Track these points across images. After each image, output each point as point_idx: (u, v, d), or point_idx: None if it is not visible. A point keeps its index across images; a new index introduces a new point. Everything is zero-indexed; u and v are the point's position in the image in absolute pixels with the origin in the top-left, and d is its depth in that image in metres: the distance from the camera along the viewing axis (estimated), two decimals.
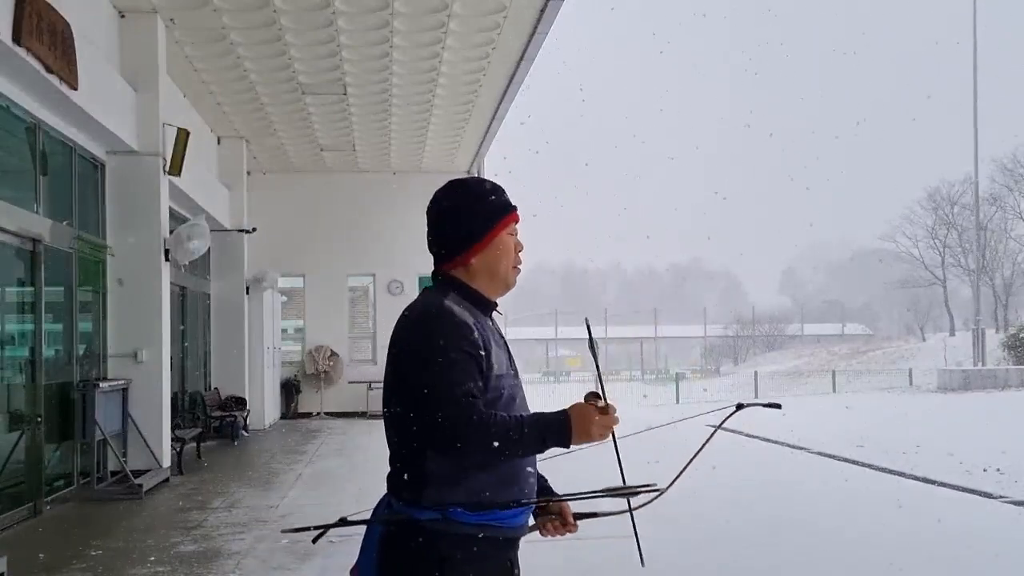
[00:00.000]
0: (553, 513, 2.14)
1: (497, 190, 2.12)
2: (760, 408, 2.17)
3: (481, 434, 1.84)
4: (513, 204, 2.13)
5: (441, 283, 2.09)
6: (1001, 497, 8.41)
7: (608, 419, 1.89)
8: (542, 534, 2.16)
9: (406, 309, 2.04)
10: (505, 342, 2.10)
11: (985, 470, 10.17)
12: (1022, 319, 39.83)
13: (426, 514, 1.90)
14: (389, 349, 2.01)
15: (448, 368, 1.87)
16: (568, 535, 2.17)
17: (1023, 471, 9.90)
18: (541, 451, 1.94)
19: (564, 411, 1.91)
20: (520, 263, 2.14)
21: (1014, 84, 79.64)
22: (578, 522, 2.15)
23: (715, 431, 2.17)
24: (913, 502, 8.31)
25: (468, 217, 2.06)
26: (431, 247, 2.11)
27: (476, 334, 1.94)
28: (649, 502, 2.12)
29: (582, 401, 1.93)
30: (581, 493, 2.05)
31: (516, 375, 2.08)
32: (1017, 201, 45.34)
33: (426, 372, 1.88)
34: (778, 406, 2.18)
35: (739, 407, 2.16)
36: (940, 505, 8.18)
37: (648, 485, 2.06)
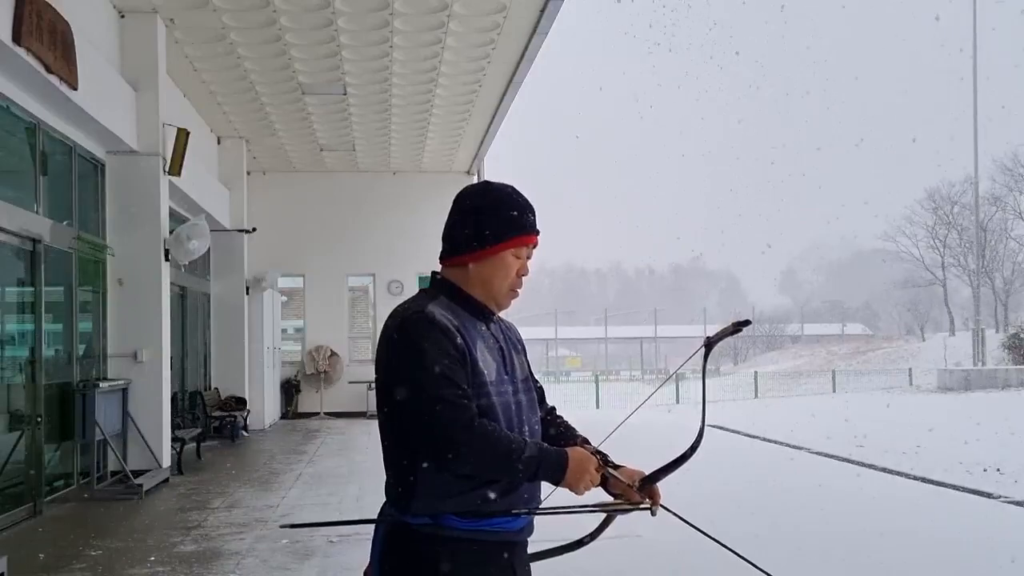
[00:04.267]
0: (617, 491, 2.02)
1: (524, 208, 2.04)
2: (730, 338, 2.06)
3: (478, 442, 1.81)
4: (534, 228, 2.05)
5: (434, 284, 2.07)
6: (1001, 497, 8.41)
7: (595, 479, 1.91)
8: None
9: (390, 315, 2.00)
10: (502, 347, 2.05)
11: (985, 470, 10.17)
12: (1022, 319, 39.79)
13: (418, 519, 1.90)
14: (376, 356, 1.99)
15: (434, 370, 1.84)
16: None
17: (1023, 471, 9.90)
18: (529, 481, 1.90)
19: (565, 453, 1.90)
20: (519, 287, 2.06)
21: (1014, 84, 79.62)
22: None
23: (703, 377, 2.09)
24: (913, 502, 8.31)
25: (482, 222, 2.00)
26: (443, 239, 2.08)
27: (460, 339, 1.90)
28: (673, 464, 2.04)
29: (584, 449, 1.94)
30: (582, 506, 2.00)
31: (512, 380, 2.02)
32: (1017, 201, 45.46)
33: (413, 377, 1.85)
34: (748, 322, 2.10)
35: (708, 344, 2.07)
36: (940, 505, 8.18)
37: (643, 503, 2.02)
